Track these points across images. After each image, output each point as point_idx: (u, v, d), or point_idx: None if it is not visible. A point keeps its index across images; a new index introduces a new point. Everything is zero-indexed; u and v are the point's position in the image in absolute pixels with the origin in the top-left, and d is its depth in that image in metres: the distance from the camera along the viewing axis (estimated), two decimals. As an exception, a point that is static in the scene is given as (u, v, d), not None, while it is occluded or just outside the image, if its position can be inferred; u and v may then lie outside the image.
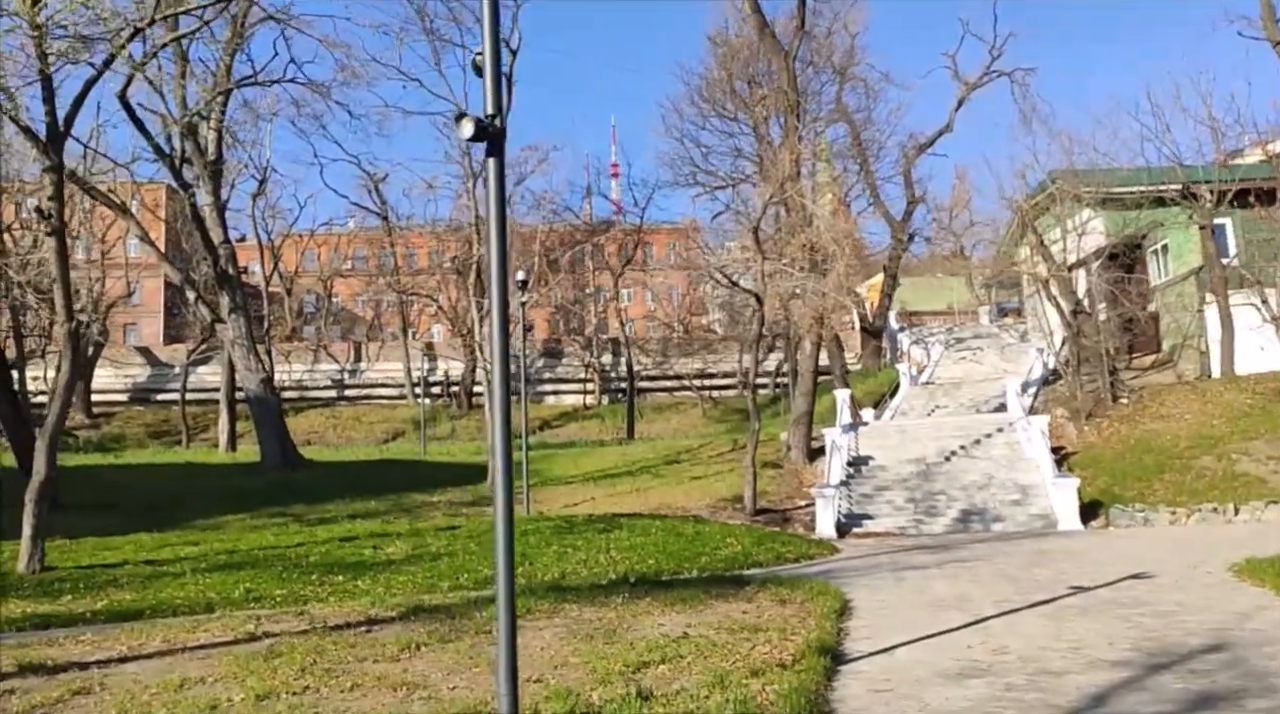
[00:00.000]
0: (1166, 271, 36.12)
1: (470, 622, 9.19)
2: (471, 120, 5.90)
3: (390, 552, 14.42)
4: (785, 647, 7.86)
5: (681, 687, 6.49)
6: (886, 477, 24.43)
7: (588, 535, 15.62)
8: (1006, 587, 11.11)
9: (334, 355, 59.03)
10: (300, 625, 9.36)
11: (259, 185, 50.36)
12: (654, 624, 9.00)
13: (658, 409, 52.84)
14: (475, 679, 7.01)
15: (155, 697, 6.66)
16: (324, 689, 6.76)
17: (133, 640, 8.80)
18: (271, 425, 30.85)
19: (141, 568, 13.27)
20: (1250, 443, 21.42)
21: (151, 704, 6.47)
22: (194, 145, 30.04)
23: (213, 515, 21.49)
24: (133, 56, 22.10)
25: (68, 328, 13.36)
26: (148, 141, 28.05)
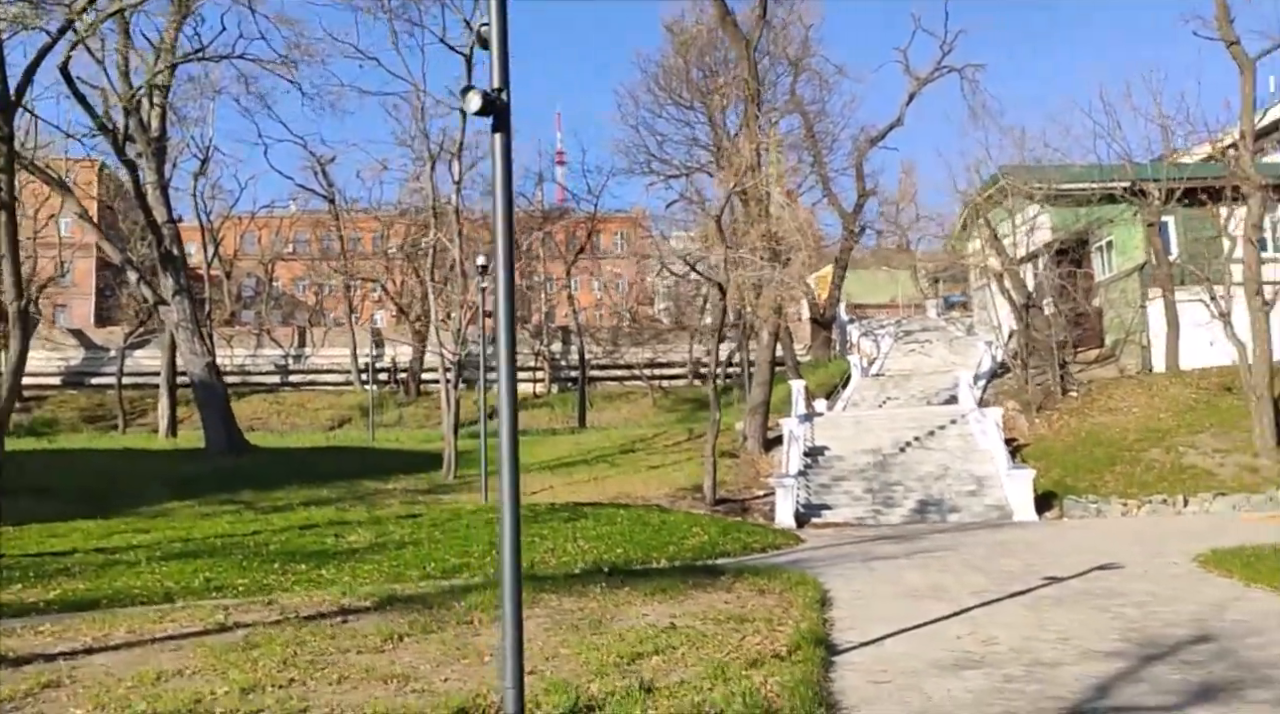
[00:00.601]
0: (1111, 268, 36.87)
1: (449, 612, 8.98)
2: (479, 94, 5.68)
3: (353, 540, 14.09)
4: (775, 637, 7.80)
5: (682, 679, 6.38)
6: (844, 467, 24.60)
7: (553, 524, 15.44)
8: (979, 577, 11.18)
9: (278, 340, 57.86)
10: (272, 615, 9.07)
11: (201, 165, 49.20)
12: (638, 614, 8.88)
13: (608, 398, 52.68)
14: (466, 671, 6.83)
15: (132, 690, 6.37)
16: (310, 682, 6.52)
17: (96, 631, 8.44)
18: (217, 410, 30.11)
19: (93, 556, 12.79)
20: (1196, 436, 21.95)
21: (129, 697, 6.18)
22: (137, 122, 29.11)
23: (158, 502, 20.88)
24: (75, 28, 21.39)
25: (17, 307, 12.81)
26: (90, 116, 27.17)
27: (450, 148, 26.15)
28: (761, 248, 25.95)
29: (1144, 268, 34.56)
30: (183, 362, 31.29)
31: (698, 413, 47.90)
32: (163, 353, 41.96)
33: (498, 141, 5.86)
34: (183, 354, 30.79)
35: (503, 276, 5.76)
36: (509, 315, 5.76)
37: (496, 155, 5.86)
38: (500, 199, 5.83)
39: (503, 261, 5.77)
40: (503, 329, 5.76)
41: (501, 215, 5.80)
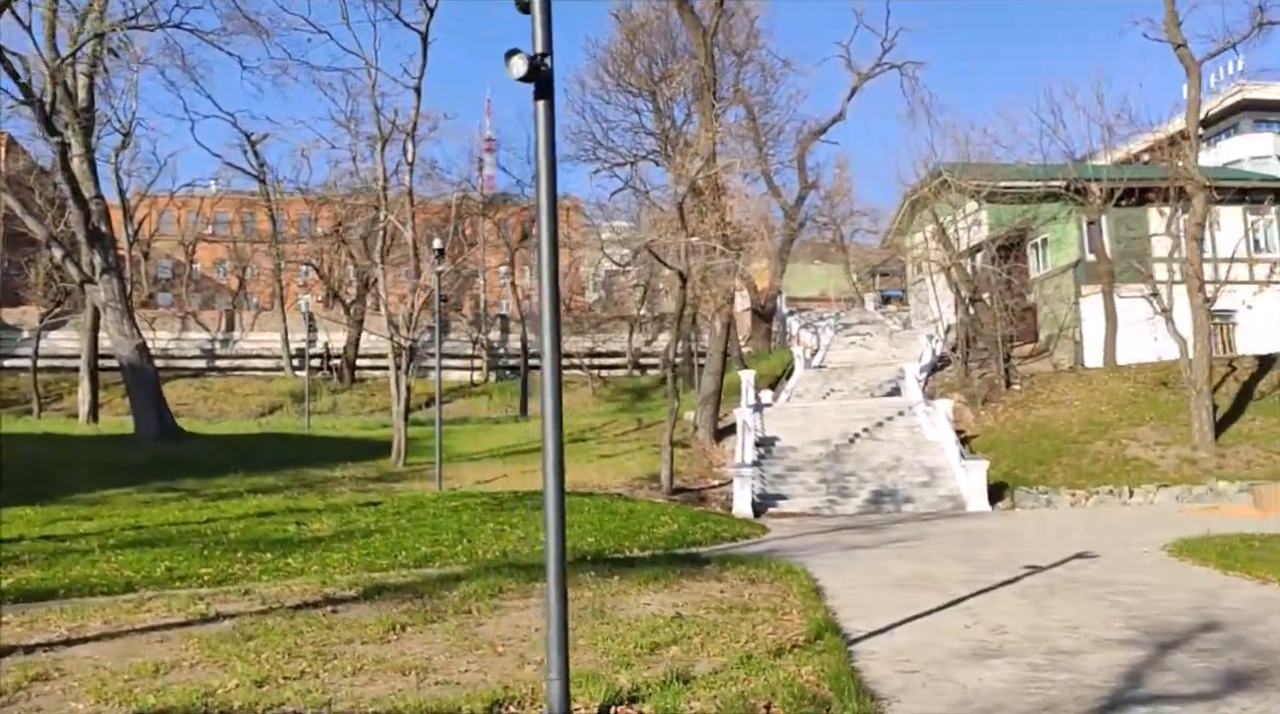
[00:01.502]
0: (1046, 264, 37.75)
1: (442, 601, 8.69)
2: (524, 58, 5.44)
3: (315, 529, 13.63)
4: (785, 627, 7.70)
5: (713, 668, 6.23)
6: (797, 458, 24.72)
7: (521, 513, 15.15)
8: (961, 566, 11.25)
9: (204, 323, 56.13)
10: (254, 606, 8.68)
11: (124, 139, 47.29)
12: (637, 603, 8.71)
13: (546, 387, 52.26)
14: (483, 662, 6.58)
15: (132, 683, 5.99)
16: (323, 674, 6.21)
17: (70, 622, 7.97)
18: (147, 395, 28.99)
19: (41, 544, 12.14)
20: (1137, 429, 22.57)
21: (132, 690, 5.81)
22: (64, 91, 27.81)
23: (92, 490, 19.99)
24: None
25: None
26: (15, 84, 25.85)
27: (404, 127, 25.51)
28: (716, 237, 25.92)
29: (1078, 265, 35.50)
30: (110, 343, 30.04)
31: (638, 403, 47.87)
32: (83, 334, 40.43)
33: (541, 110, 5.60)
34: (111, 336, 29.55)
35: (546, 254, 5.51)
36: (553, 296, 5.52)
37: (540, 124, 5.60)
38: (544, 172, 5.57)
39: (546, 239, 5.52)
40: (547, 310, 5.52)
41: (545, 190, 5.55)
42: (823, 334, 47.10)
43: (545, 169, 5.58)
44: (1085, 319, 34.74)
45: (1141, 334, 31.67)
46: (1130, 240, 32.40)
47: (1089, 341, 34.12)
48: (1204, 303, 21.93)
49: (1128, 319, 30.91)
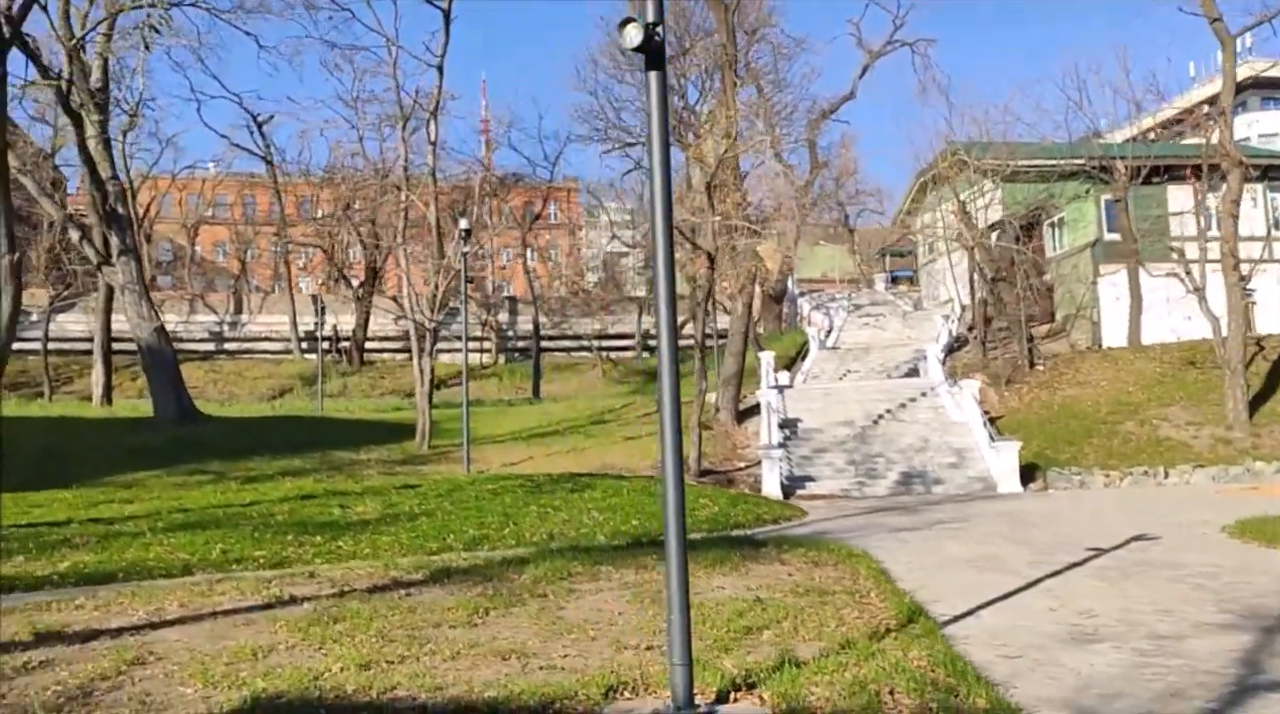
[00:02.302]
0: (1062, 244, 37.55)
1: (512, 585, 8.61)
2: (640, 27, 5.30)
3: (360, 511, 13.54)
4: (870, 611, 7.63)
5: (817, 653, 6.14)
6: (823, 439, 24.64)
7: (561, 496, 15.08)
8: (1019, 548, 11.18)
9: (212, 306, 55.92)
10: (324, 589, 8.59)
11: (130, 120, 46.91)
12: (710, 587, 8.62)
13: (557, 369, 52.16)
14: (577, 646, 6.50)
15: (234, 666, 5.90)
16: (423, 658, 6.12)
17: (144, 605, 7.88)
18: (167, 377, 28.85)
19: (90, 527, 12.05)
20: (1167, 409, 22.49)
21: (239, 674, 5.72)
22: (79, 70, 27.54)
23: (121, 472, 19.91)
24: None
25: (9, 261, 11.92)
26: (34, 63, 25.57)
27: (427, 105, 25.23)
28: (737, 217, 25.76)
29: (1096, 244, 35.33)
30: (129, 325, 29.88)
31: (648, 385, 47.72)
32: (97, 317, 40.23)
33: (654, 80, 5.48)
34: (129, 318, 29.39)
35: (661, 229, 5.39)
36: (669, 273, 5.39)
37: (653, 95, 5.47)
38: (657, 144, 5.44)
39: (661, 215, 5.39)
40: (663, 287, 5.40)
41: (659, 156, 5.42)
42: (835, 315, 46.97)
43: (659, 139, 5.45)
44: (1103, 299, 34.61)
45: (1161, 314, 31.59)
46: (1154, 218, 32.22)
47: (1107, 321, 33.99)
48: (1239, 281, 21.79)
49: (1148, 300, 30.82)
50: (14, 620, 7.34)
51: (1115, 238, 35.51)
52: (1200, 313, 25.32)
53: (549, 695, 5.24)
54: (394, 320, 56.38)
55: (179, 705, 5.28)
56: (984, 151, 36.36)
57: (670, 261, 5.39)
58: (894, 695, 5.18)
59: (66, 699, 5.39)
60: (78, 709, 5.22)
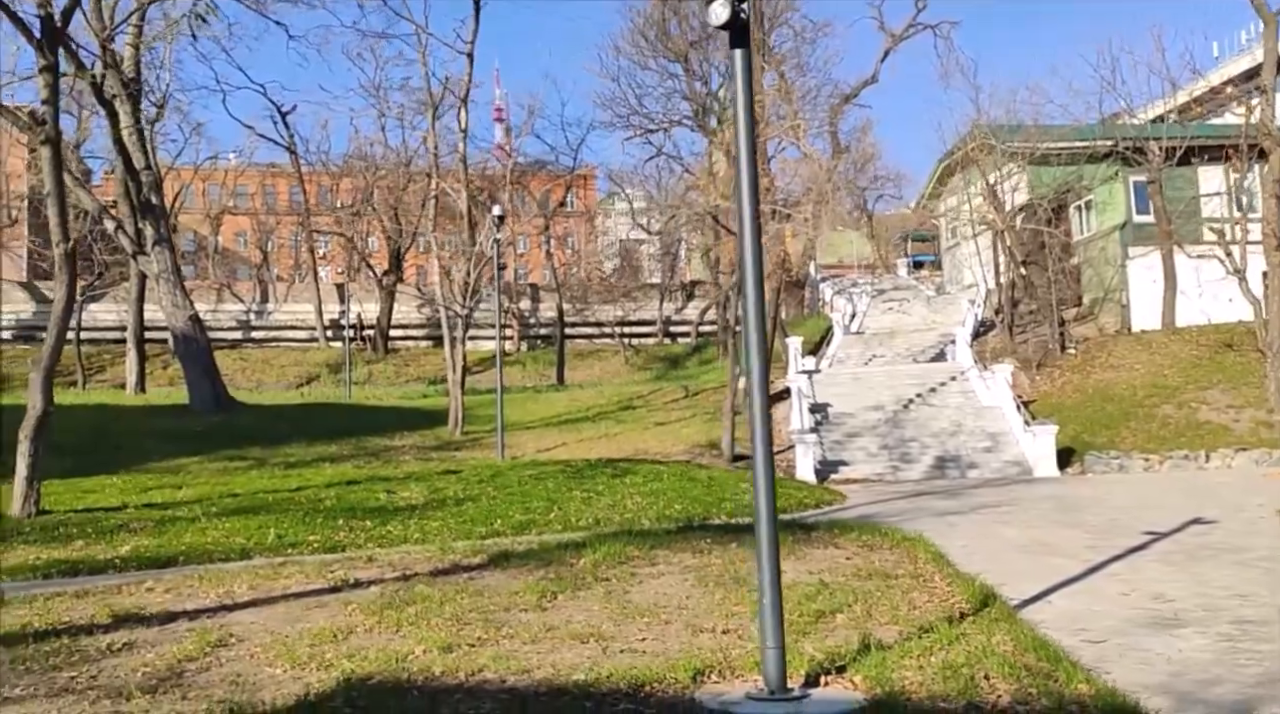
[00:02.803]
0: (1089, 227, 37.20)
1: (573, 568, 8.63)
2: (726, 3, 5.27)
3: (406, 496, 13.62)
4: (938, 594, 7.62)
5: (897, 637, 6.13)
6: (854, 424, 24.58)
7: (603, 481, 15.11)
8: (1073, 532, 11.14)
9: (238, 295, 56.22)
10: (386, 573, 8.65)
11: (158, 111, 47.16)
12: (772, 569, 8.60)
13: (579, 356, 52.22)
14: (652, 629, 6.51)
15: (316, 648, 5.95)
16: (503, 641, 6.16)
17: (213, 588, 7.96)
18: (201, 365, 29.06)
19: (145, 512, 12.17)
20: (1205, 392, 22.30)
21: (324, 655, 5.77)
22: (111, 60, 27.67)
23: (165, 458, 20.10)
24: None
25: (64, 249, 12.03)
26: (69, 55, 25.66)
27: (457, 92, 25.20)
28: (765, 201, 25.65)
29: (1125, 226, 34.99)
30: (164, 315, 30.12)
31: (671, 371, 47.78)
32: (129, 306, 40.58)
33: (739, 58, 5.45)
34: (164, 307, 29.59)
35: (747, 207, 5.37)
36: (755, 255, 5.38)
37: (738, 74, 5.44)
38: (743, 123, 5.42)
39: (748, 194, 5.38)
40: (749, 267, 5.38)
41: (744, 134, 5.39)
42: (858, 300, 46.76)
43: (744, 120, 5.43)
44: (1132, 282, 34.31)
45: (1192, 297, 31.30)
46: (1186, 200, 31.88)
47: (1136, 305, 33.70)
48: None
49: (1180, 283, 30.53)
50: (90, 603, 7.44)
51: (1145, 220, 35.15)
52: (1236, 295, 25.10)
53: (638, 679, 5.25)
54: (417, 308, 56.61)
55: (270, 686, 5.33)
56: (1011, 134, 36.07)
57: (757, 245, 5.37)
58: (989, 680, 5.16)
59: (158, 680, 5.45)
60: (171, 690, 5.27)
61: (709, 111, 42.27)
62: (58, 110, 12.29)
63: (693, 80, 43.24)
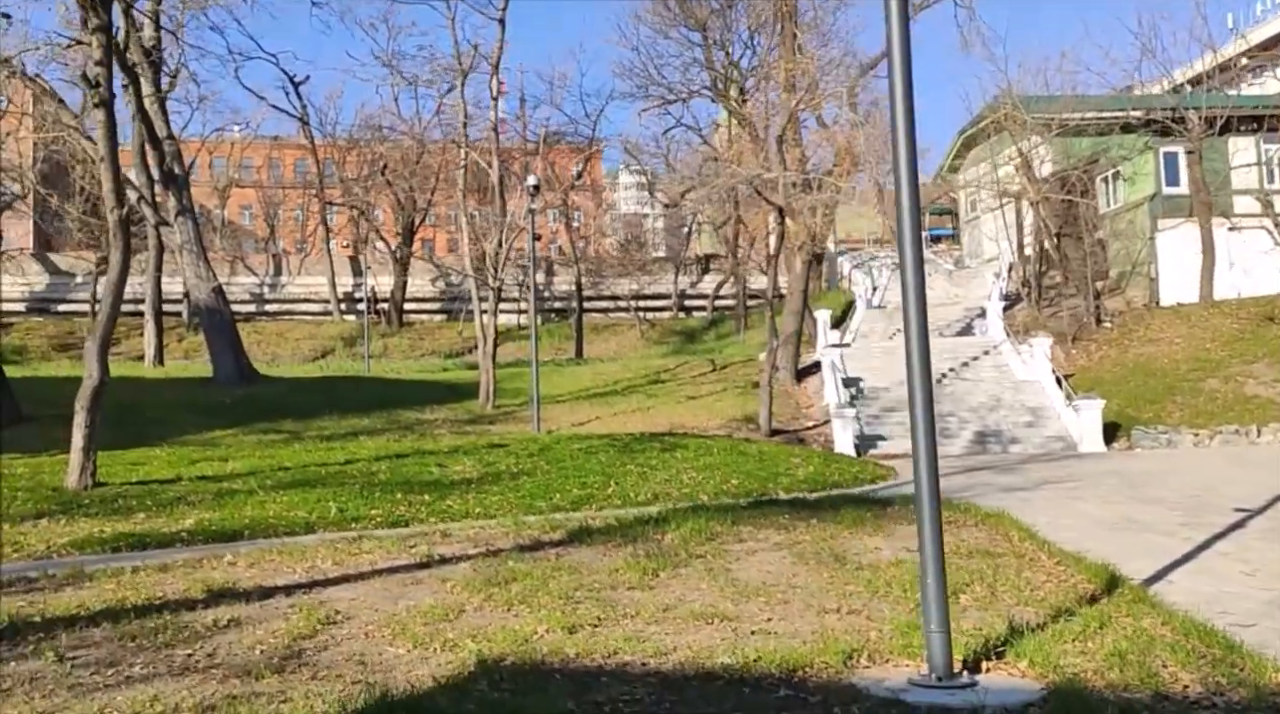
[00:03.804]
0: (1116, 199, 36.72)
1: (659, 544, 8.38)
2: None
3: (458, 470, 13.36)
4: (1052, 573, 7.38)
5: (1037, 621, 5.86)
6: (889, 398, 24.29)
7: (655, 455, 14.84)
8: (1154, 508, 10.87)
9: (251, 267, 55.86)
10: (467, 548, 8.40)
11: (170, 81, 46.63)
12: (867, 548, 8.36)
13: (594, 329, 51.91)
14: (774, 609, 6.27)
15: (431, 627, 5.72)
16: (622, 621, 5.91)
17: (297, 564, 7.72)
18: (225, 338, 28.82)
19: (200, 485, 11.91)
20: (1251, 366, 21.98)
21: (442, 634, 5.53)
22: (130, 26, 27.20)
23: (199, 431, 19.86)
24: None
25: (118, 215, 11.72)
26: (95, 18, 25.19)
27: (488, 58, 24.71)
28: (797, 172, 25.29)
29: (1155, 198, 34.54)
30: (187, 286, 29.86)
31: (687, 345, 47.47)
32: (147, 278, 40.23)
33: (894, 10, 5.10)
34: (187, 278, 29.36)
35: (904, 163, 5.05)
36: (914, 214, 5.06)
37: (893, 21, 5.09)
38: (899, 66, 5.08)
39: (903, 142, 5.05)
40: (908, 230, 5.07)
41: (900, 83, 5.06)
42: (876, 274, 46.35)
43: (900, 64, 5.09)
44: (1161, 255, 33.91)
45: (1223, 270, 30.91)
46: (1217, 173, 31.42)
47: (1165, 278, 33.34)
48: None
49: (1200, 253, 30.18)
50: (176, 577, 7.21)
51: (1174, 192, 34.71)
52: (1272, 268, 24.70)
53: (788, 662, 4.99)
54: (431, 281, 56.30)
55: (399, 666, 5.08)
56: (1040, 105, 35.55)
57: (916, 215, 5.06)
58: (1166, 668, 4.89)
59: (280, 659, 5.21)
60: (298, 670, 5.03)
61: (730, 81, 41.58)
62: (111, 72, 11.95)
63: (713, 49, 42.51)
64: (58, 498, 10.87)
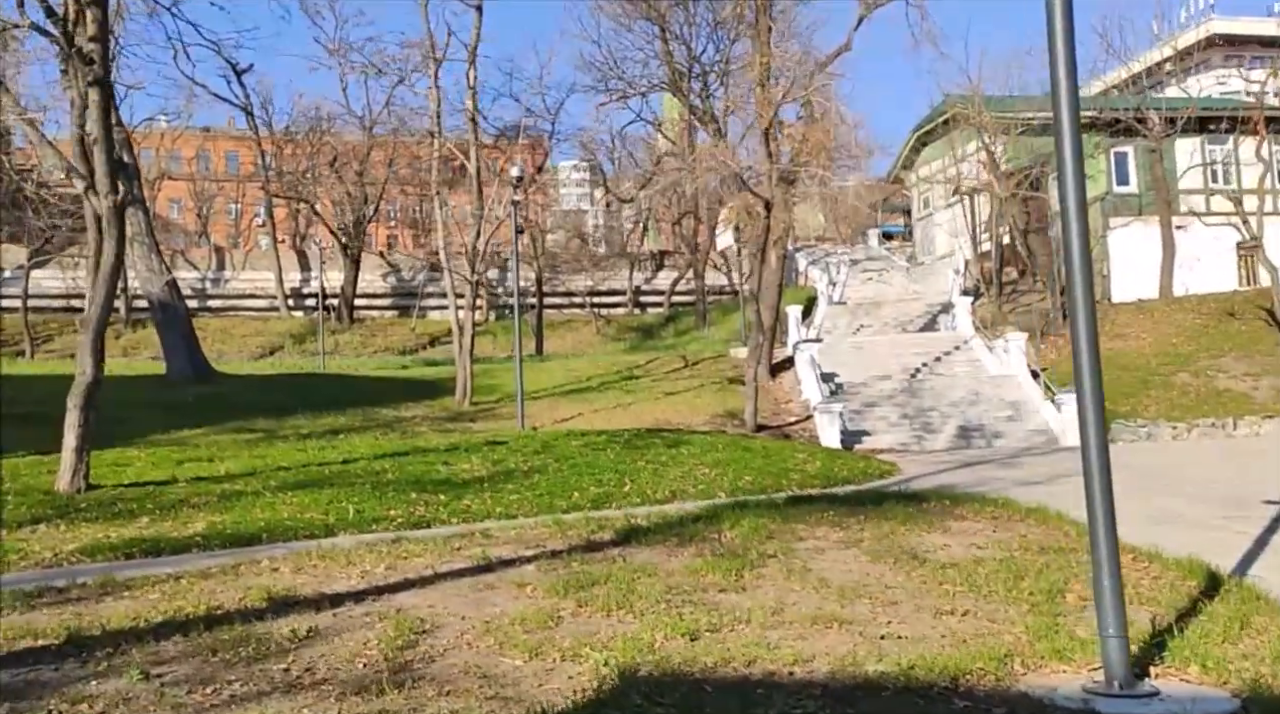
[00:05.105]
0: (1068, 198, 37.35)
1: (725, 543, 8.06)
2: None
3: (466, 469, 12.87)
4: (1143, 569, 7.24)
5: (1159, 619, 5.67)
6: (869, 394, 24.30)
7: (663, 452, 14.51)
8: (1183, 501, 10.87)
9: (193, 262, 54.13)
10: (520, 550, 7.97)
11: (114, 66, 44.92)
12: (935, 545, 8.10)
13: (550, 326, 51.32)
14: (887, 611, 5.97)
15: (538, 635, 5.31)
16: (738, 627, 5.57)
17: (345, 569, 7.21)
18: (180, 333, 27.77)
19: (199, 486, 11.25)
20: (1219, 360, 22.40)
21: (558, 644, 5.12)
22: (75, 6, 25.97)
23: (167, 431, 18.99)
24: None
25: (111, 202, 11.04)
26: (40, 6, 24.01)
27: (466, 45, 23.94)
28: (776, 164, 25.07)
29: (1106, 198, 35.25)
30: (138, 280, 28.67)
31: (646, 341, 47.17)
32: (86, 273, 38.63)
33: (1057, 1, 4.80)
34: (138, 272, 28.17)
35: (1070, 149, 4.78)
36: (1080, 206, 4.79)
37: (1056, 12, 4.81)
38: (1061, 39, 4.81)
39: (1068, 124, 4.79)
40: (1074, 221, 4.80)
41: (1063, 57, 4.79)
42: (835, 271, 46.60)
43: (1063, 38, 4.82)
44: (1113, 252, 34.63)
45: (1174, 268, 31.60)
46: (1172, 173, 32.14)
47: (1117, 275, 34.06)
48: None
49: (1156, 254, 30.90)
50: (225, 585, 6.68)
51: (1125, 190, 35.55)
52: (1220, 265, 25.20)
53: (948, 670, 4.70)
54: (381, 277, 55.21)
55: (525, 679, 4.68)
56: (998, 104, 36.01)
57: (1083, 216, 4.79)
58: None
59: (389, 672, 4.77)
60: (418, 684, 4.60)
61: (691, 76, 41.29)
62: (107, 48, 11.24)
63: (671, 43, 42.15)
64: (51, 502, 10.15)
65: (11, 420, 19.14)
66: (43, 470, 12.19)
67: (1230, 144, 34.39)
